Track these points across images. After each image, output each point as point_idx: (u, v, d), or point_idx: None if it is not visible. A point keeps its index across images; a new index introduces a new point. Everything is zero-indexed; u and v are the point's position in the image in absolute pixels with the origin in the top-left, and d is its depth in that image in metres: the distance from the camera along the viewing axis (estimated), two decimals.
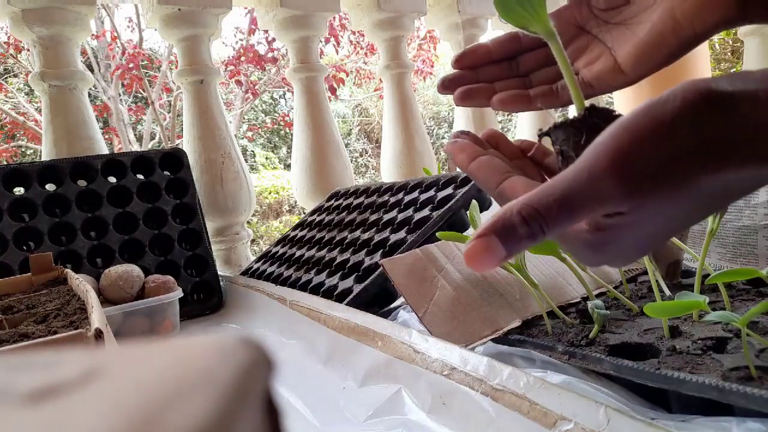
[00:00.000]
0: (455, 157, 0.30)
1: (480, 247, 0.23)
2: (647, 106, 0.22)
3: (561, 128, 0.28)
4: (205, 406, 0.07)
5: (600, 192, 0.22)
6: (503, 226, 0.23)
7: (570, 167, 0.24)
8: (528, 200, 0.23)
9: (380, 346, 0.52)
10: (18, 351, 0.33)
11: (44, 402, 0.08)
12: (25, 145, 4.83)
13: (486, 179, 0.29)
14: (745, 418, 0.33)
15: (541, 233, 0.23)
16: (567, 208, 0.23)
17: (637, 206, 0.23)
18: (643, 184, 0.22)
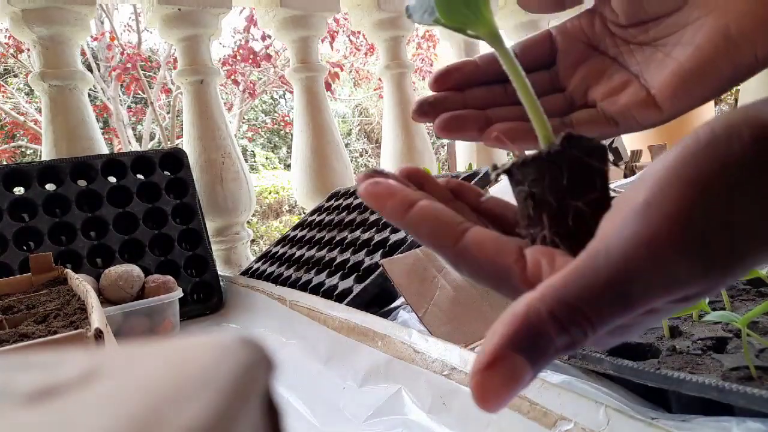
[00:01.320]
0: (382, 204, 0.21)
1: (501, 378, 0.16)
2: (706, 147, 0.17)
3: (531, 164, 0.21)
4: (205, 406, 0.07)
5: (672, 274, 0.16)
6: (531, 339, 0.16)
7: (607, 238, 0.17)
8: (561, 294, 0.17)
9: (380, 346, 0.52)
10: (18, 351, 0.33)
11: (44, 402, 0.08)
12: (25, 145, 4.83)
13: (435, 234, 0.20)
14: (745, 417, 0.33)
15: (583, 340, 0.17)
16: (622, 301, 0.16)
17: (711, 288, 0.17)
18: (721, 260, 0.17)
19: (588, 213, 0.20)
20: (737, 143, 0.17)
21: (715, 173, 0.16)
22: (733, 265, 0.17)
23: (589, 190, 0.20)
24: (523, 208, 0.22)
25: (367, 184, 0.21)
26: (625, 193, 0.19)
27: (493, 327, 0.17)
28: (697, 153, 0.17)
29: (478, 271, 0.20)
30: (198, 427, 0.07)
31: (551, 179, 0.20)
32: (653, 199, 0.17)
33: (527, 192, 0.21)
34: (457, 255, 0.20)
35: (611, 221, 0.18)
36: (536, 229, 0.21)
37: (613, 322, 0.17)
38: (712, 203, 0.16)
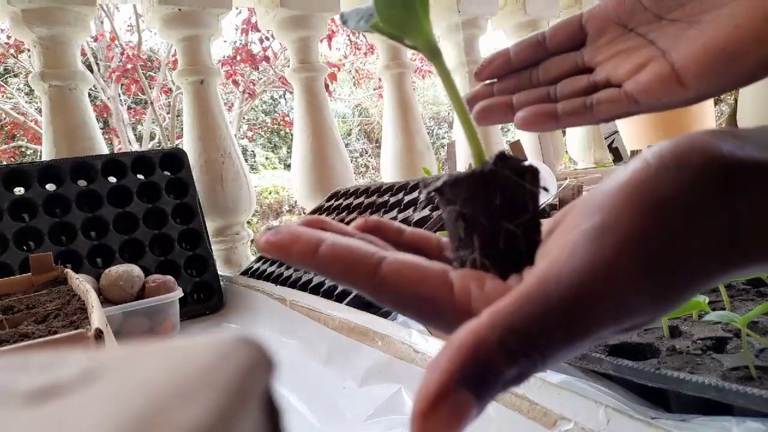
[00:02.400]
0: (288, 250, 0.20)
1: (446, 417, 0.15)
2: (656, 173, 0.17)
3: (462, 184, 0.20)
4: (206, 405, 0.07)
5: (623, 303, 0.16)
6: (479, 371, 0.15)
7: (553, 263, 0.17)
8: (510, 321, 0.16)
9: (380, 346, 0.52)
10: (18, 351, 0.33)
11: (44, 402, 0.08)
12: (25, 145, 4.84)
13: (349, 269, 0.19)
14: (744, 417, 0.33)
15: (531, 371, 0.16)
16: (575, 329, 0.16)
17: (659, 315, 0.17)
18: (673, 289, 0.17)
19: (520, 235, 0.20)
20: (686, 171, 0.17)
21: (665, 200, 0.16)
22: (682, 291, 0.17)
23: (521, 212, 0.20)
24: (452, 230, 0.21)
25: (268, 236, 0.20)
26: (569, 217, 0.18)
27: (436, 358, 0.16)
28: (648, 179, 0.17)
29: (400, 302, 0.19)
30: (198, 427, 0.07)
31: (483, 199, 0.20)
32: (605, 224, 0.16)
33: (458, 212, 0.20)
34: (376, 288, 0.19)
35: (558, 244, 0.18)
36: (466, 252, 0.20)
37: (561, 351, 0.16)
38: (664, 229, 0.16)
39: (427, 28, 0.22)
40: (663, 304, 0.17)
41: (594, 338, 0.16)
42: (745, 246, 0.17)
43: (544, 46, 0.31)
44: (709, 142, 0.17)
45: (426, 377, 0.16)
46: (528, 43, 0.32)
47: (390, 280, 0.19)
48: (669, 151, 0.17)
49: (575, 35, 0.31)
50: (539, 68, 0.31)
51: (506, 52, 0.32)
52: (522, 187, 0.20)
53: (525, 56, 0.31)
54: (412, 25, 0.21)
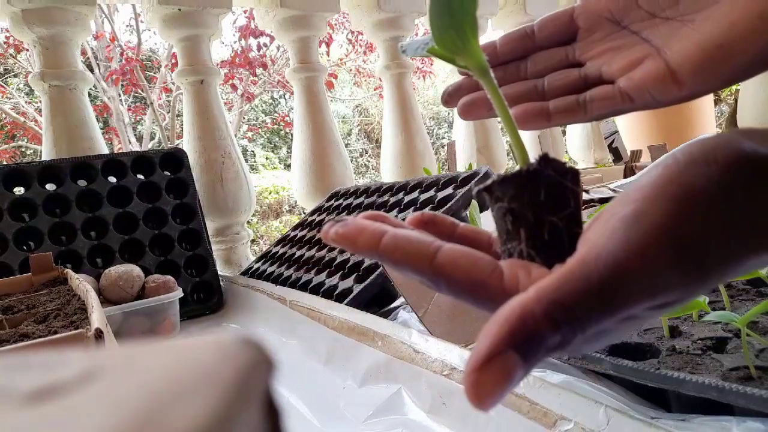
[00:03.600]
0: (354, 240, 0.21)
1: (496, 375, 0.16)
2: (686, 168, 0.18)
3: (510, 183, 0.22)
4: (206, 406, 0.07)
5: (657, 281, 0.18)
6: (526, 337, 0.17)
7: (593, 246, 0.18)
8: (555, 296, 0.17)
9: (380, 346, 0.52)
10: (18, 351, 0.33)
11: (45, 402, 0.08)
12: (25, 145, 4.83)
13: (409, 257, 0.21)
14: (745, 417, 0.33)
15: (572, 340, 0.18)
16: (612, 303, 0.17)
17: (690, 295, 0.19)
18: (701, 272, 0.18)
19: (562, 228, 0.22)
20: (714, 166, 0.18)
21: (696, 191, 0.18)
22: (709, 276, 0.18)
23: (563, 207, 0.22)
24: (501, 224, 0.23)
25: (336, 227, 0.22)
26: (608, 208, 0.20)
27: (485, 328, 0.18)
28: (679, 173, 0.18)
29: (455, 287, 0.21)
30: (198, 427, 0.07)
31: (529, 196, 0.22)
32: (642, 211, 0.18)
33: (506, 208, 0.22)
34: (433, 274, 0.21)
35: (597, 232, 0.19)
36: (513, 244, 0.22)
37: (599, 324, 0.18)
38: (694, 218, 0.18)
39: (477, 50, 0.24)
40: (693, 285, 0.18)
41: (629, 313, 0.18)
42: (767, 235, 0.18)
43: (532, 38, 0.31)
44: (734, 140, 0.19)
45: (478, 343, 0.17)
46: (515, 35, 0.32)
47: (446, 267, 0.20)
48: (697, 149, 0.19)
49: (565, 29, 0.31)
50: (527, 61, 0.31)
51: (492, 44, 0.32)
52: (563, 185, 0.22)
53: (512, 48, 0.31)
54: (464, 48, 0.23)
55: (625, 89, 0.27)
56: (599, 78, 0.29)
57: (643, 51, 0.27)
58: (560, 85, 0.30)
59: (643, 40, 0.28)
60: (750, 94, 1.33)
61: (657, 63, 0.26)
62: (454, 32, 0.23)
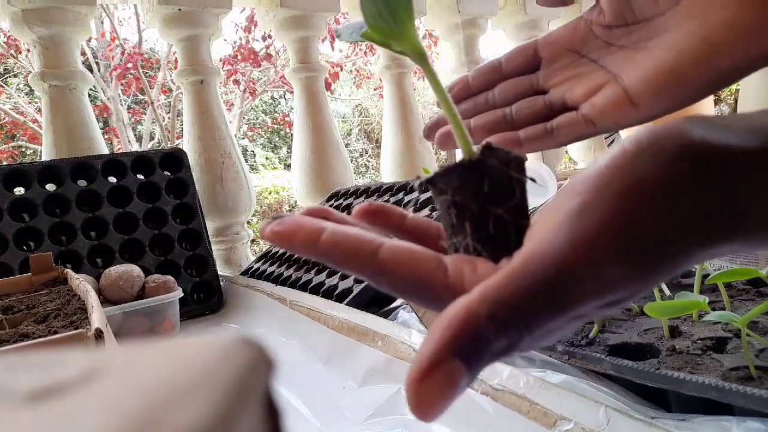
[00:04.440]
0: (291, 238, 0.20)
1: (439, 384, 0.16)
2: (633, 158, 0.18)
3: (452, 174, 0.21)
4: (206, 406, 0.07)
5: (604, 277, 0.17)
6: (470, 342, 0.16)
7: (539, 242, 0.18)
8: (499, 296, 0.17)
9: (380, 346, 0.52)
10: (18, 351, 0.33)
11: (45, 402, 0.08)
12: (25, 145, 4.83)
13: (349, 255, 0.20)
14: (745, 417, 0.33)
15: (518, 343, 0.17)
16: (559, 303, 0.17)
17: (640, 291, 0.18)
18: (651, 265, 0.17)
19: (508, 220, 0.21)
20: (662, 156, 0.18)
21: (642, 183, 0.17)
22: (658, 270, 0.18)
23: (508, 198, 0.21)
24: (446, 218, 0.22)
25: (272, 225, 0.21)
26: (553, 202, 0.19)
27: (430, 332, 0.17)
28: (626, 163, 0.18)
29: (399, 285, 0.20)
30: (198, 427, 0.07)
31: (473, 187, 0.21)
32: (587, 205, 0.17)
33: (450, 201, 0.22)
34: (375, 272, 0.20)
35: (543, 226, 0.19)
36: (459, 238, 0.22)
37: (546, 324, 0.17)
38: (641, 210, 0.17)
39: (412, 34, 0.23)
40: (641, 281, 0.18)
41: (577, 311, 0.17)
42: (719, 226, 0.18)
43: (500, 71, 0.33)
44: (683, 128, 0.18)
45: (420, 349, 0.17)
46: (486, 69, 0.34)
47: (388, 264, 0.20)
48: (646, 138, 0.18)
49: (530, 60, 0.33)
50: (495, 90, 0.33)
51: (465, 78, 0.34)
52: (508, 174, 0.21)
53: (483, 81, 0.33)
54: (398, 32, 0.23)
55: (588, 115, 0.29)
56: (563, 104, 0.31)
57: (602, 78, 0.29)
58: (528, 113, 0.31)
59: (601, 67, 0.30)
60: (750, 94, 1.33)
61: (615, 89, 0.28)
62: (389, 16, 0.22)
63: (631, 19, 0.29)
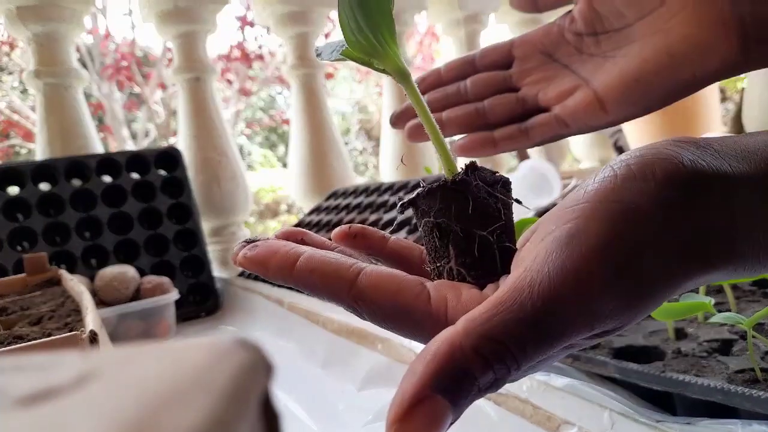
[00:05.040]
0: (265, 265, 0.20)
1: (422, 423, 0.15)
2: (623, 183, 0.17)
3: (435, 195, 0.20)
4: (202, 409, 0.07)
5: (594, 307, 0.16)
6: (455, 378, 0.15)
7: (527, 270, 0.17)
8: (485, 329, 0.16)
9: (380, 349, 0.52)
10: (12, 353, 0.32)
11: (38, 405, 0.07)
12: (19, 144, 4.81)
13: (327, 281, 0.19)
14: (750, 420, 0.33)
15: (506, 377, 0.16)
16: (548, 336, 0.16)
17: (629, 321, 0.17)
18: (641, 295, 0.17)
19: (494, 242, 0.20)
20: (652, 182, 0.17)
21: (632, 209, 0.17)
22: (648, 299, 0.17)
23: (494, 220, 0.20)
24: (429, 240, 0.21)
25: (245, 251, 0.20)
26: (543, 224, 0.19)
27: (411, 366, 0.16)
28: (615, 189, 0.18)
29: (378, 313, 0.19)
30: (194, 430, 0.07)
31: (457, 208, 0.20)
32: (576, 231, 0.17)
33: (433, 223, 0.21)
34: (354, 300, 0.19)
35: (531, 253, 0.18)
36: (442, 262, 0.21)
37: (535, 357, 0.16)
38: (631, 238, 0.17)
39: (394, 53, 0.22)
40: (631, 311, 0.17)
41: (566, 344, 0.17)
42: (712, 252, 0.18)
43: (473, 65, 0.34)
44: (672, 153, 0.18)
45: (402, 384, 0.16)
46: (459, 62, 0.34)
47: (368, 291, 0.19)
48: (635, 162, 0.18)
49: (504, 57, 0.34)
50: (467, 81, 0.33)
51: (437, 71, 0.34)
52: (493, 195, 0.21)
53: (455, 74, 0.33)
54: (380, 51, 0.22)
55: (561, 116, 0.30)
56: (536, 103, 0.32)
57: (573, 81, 0.31)
58: (501, 110, 0.32)
59: (572, 72, 0.31)
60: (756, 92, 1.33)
61: (587, 93, 0.30)
62: (370, 33, 0.21)
63: (601, 29, 0.30)
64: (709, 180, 0.18)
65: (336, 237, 0.23)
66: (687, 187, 0.17)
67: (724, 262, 0.18)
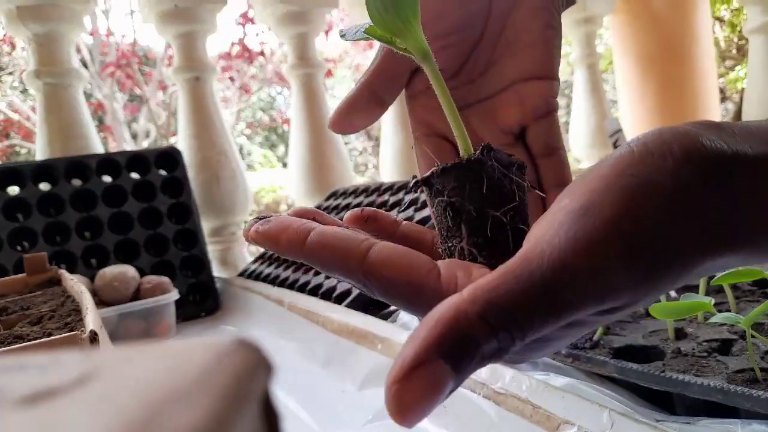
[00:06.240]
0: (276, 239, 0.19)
1: (423, 387, 0.15)
2: (640, 159, 0.17)
3: (450, 174, 0.20)
4: (202, 409, 0.07)
5: (605, 281, 0.16)
6: (458, 343, 0.15)
7: (537, 241, 0.17)
8: (492, 296, 0.16)
9: (380, 349, 0.52)
10: (13, 353, 0.32)
11: (39, 405, 0.07)
12: (19, 144, 4.81)
13: (338, 257, 0.19)
14: (750, 420, 0.33)
15: (510, 347, 0.16)
16: (556, 306, 0.16)
17: (641, 299, 0.17)
18: (656, 271, 0.17)
19: (506, 223, 0.20)
20: (670, 159, 0.17)
21: (649, 185, 0.17)
22: (661, 277, 0.17)
23: (507, 201, 0.20)
24: (441, 220, 0.21)
25: (257, 226, 0.20)
26: (554, 202, 0.19)
27: (414, 331, 0.16)
28: (632, 164, 0.17)
29: (389, 290, 0.19)
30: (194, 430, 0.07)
31: (471, 187, 0.20)
32: (590, 204, 0.17)
33: (446, 202, 0.21)
34: (365, 275, 0.19)
35: (544, 227, 0.18)
36: (454, 241, 0.21)
37: (541, 329, 0.16)
38: (647, 213, 0.16)
39: (417, 32, 0.22)
40: (644, 287, 0.17)
41: (573, 317, 0.16)
42: (726, 236, 0.17)
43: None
44: (692, 132, 0.18)
45: (404, 349, 0.15)
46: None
47: (378, 267, 0.19)
48: (653, 140, 0.18)
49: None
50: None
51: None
52: (508, 176, 0.21)
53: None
54: (403, 29, 0.22)
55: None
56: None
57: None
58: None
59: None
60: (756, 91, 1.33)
61: None
62: (395, 12, 0.21)
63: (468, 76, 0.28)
64: (729, 160, 0.17)
65: (348, 219, 0.23)
66: (706, 167, 0.17)
67: (743, 246, 0.17)
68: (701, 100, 1.72)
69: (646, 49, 1.83)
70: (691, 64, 1.75)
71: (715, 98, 1.71)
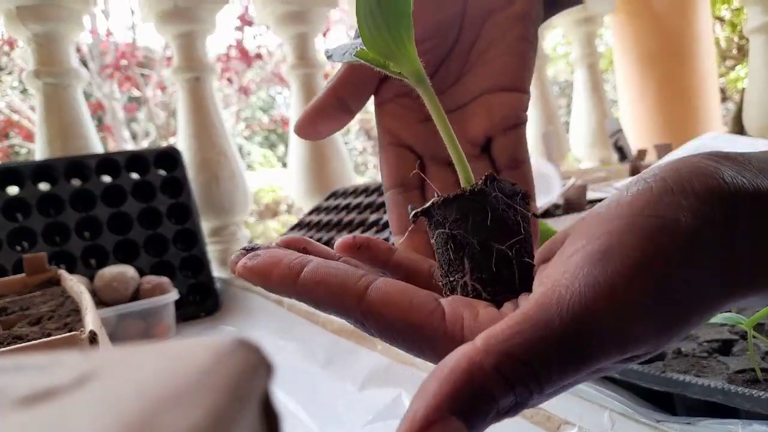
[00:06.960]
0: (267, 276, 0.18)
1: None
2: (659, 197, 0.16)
3: (452, 205, 0.19)
4: (202, 409, 0.07)
5: (629, 329, 0.15)
6: (472, 399, 0.14)
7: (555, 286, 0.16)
8: (508, 347, 0.15)
9: (380, 349, 0.52)
10: (12, 353, 0.32)
11: (38, 405, 0.07)
12: (18, 144, 4.81)
13: (334, 295, 0.18)
14: (751, 420, 0.33)
15: (527, 402, 0.15)
16: (576, 357, 0.15)
17: (663, 345, 0.16)
18: (681, 316, 0.16)
19: (512, 257, 0.19)
20: (691, 197, 0.16)
21: (671, 225, 0.16)
22: (687, 322, 0.16)
23: (513, 234, 0.20)
24: (442, 253, 0.20)
25: (245, 260, 0.19)
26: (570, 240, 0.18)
27: (424, 383, 0.15)
28: (651, 202, 0.16)
29: (388, 330, 0.18)
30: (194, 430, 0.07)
31: (474, 220, 0.19)
32: (611, 246, 0.16)
33: (448, 235, 0.19)
34: (363, 314, 0.18)
35: (559, 268, 0.17)
36: (456, 276, 0.20)
37: (560, 381, 0.15)
38: (668, 255, 0.16)
39: (412, 53, 0.21)
40: (667, 334, 0.16)
41: (595, 367, 0.16)
42: (748, 275, 0.17)
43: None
44: (711, 169, 0.17)
45: (413, 404, 0.14)
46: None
47: (378, 306, 0.18)
48: (671, 176, 0.17)
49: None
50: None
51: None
52: (512, 207, 0.20)
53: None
54: (398, 53, 0.21)
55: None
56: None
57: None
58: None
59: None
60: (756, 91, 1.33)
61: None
62: (388, 35, 0.20)
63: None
64: (751, 198, 0.17)
65: (340, 248, 0.22)
66: (729, 205, 0.16)
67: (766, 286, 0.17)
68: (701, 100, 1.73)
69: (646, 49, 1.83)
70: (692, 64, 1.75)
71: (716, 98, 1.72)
